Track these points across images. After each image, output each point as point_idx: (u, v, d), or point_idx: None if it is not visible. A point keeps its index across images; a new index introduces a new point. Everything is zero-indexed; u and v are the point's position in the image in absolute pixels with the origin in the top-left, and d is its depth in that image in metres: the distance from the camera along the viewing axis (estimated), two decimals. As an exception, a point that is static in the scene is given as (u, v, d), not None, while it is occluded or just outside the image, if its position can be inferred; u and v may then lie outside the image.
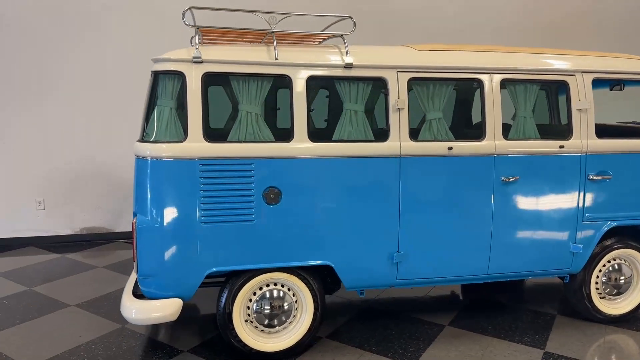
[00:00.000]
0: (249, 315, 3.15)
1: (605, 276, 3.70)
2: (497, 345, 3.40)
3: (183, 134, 2.89)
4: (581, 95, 3.44)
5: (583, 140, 3.43)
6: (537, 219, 3.43)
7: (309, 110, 3.06)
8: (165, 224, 2.89)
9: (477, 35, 6.63)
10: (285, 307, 3.19)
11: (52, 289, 4.45)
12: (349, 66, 3.09)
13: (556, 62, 3.45)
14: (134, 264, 2.95)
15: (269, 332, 3.19)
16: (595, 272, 3.66)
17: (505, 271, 3.47)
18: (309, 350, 3.31)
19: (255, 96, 3.01)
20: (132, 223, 2.91)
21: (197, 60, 2.89)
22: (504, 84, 3.35)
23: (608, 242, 3.63)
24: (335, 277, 3.25)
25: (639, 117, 4.67)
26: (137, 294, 3.09)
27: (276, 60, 3.01)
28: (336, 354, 3.29)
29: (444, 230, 3.30)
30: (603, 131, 4.03)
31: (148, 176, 2.90)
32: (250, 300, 3.15)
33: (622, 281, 3.72)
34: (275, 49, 3.02)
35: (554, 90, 4.34)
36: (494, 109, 3.30)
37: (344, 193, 3.13)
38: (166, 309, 2.92)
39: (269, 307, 3.15)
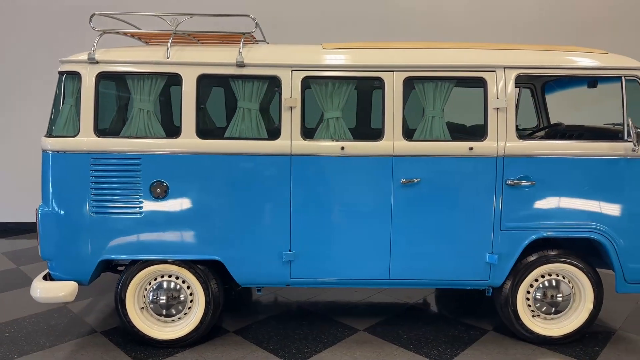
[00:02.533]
0: (145, 303, 3.31)
1: (539, 292, 3.36)
2: (398, 356, 3.24)
3: (78, 130, 3.12)
4: (500, 93, 3.16)
5: (500, 142, 3.16)
6: (445, 225, 3.22)
7: (198, 108, 3.15)
8: (61, 212, 3.14)
9: (493, 33, 6.30)
10: (181, 299, 3.31)
11: (35, 269, 4.94)
12: (240, 65, 3.13)
13: (472, 58, 3.21)
14: (38, 247, 3.23)
15: (164, 322, 3.33)
16: (524, 287, 3.34)
17: (410, 278, 3.29)
18: (207, 342, 3.39)
19: (148, 94, 3.16)
20: (35, 210, 3.19)
21: (92, 61, 3.10)
22: (410, 82, 3.19)
23: (537, 256, 3.30)
24: None
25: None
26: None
27: (167, 59, 3.13)
28: (229, 348, 3.34)
29: (338, 231, 3.22)
30: (581, 135, 3.70)
31: (49, 168, 3.15)
32: (146, 289, 3.30)
33: (559, 299, 3.35)
34: (168, 49, 3.15)
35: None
36: (394, 108, 3.15)
37: (234, 190, 3.17)
38: (62, 290, 3.16)
39: (164, 298, 3.29)
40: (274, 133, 3.18)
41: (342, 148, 3.14)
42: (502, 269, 3.26)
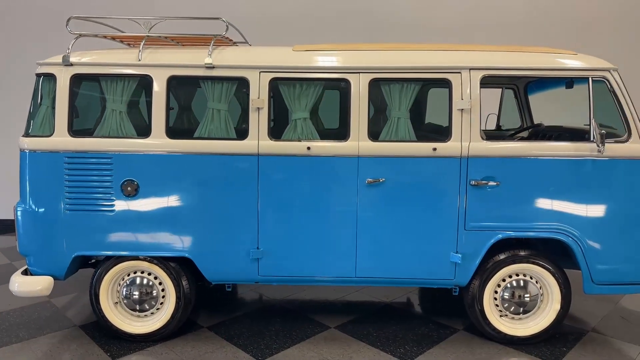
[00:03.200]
0: (119, 298, 3.41)
1: (507, 292, 3.38)
2: (363, 353, 3.29)
3: (53, 130, 3.22)
4: (465, 94, 3.19)
5: (464, 142, 3.18)
6: (410, 224, 3.26)
7: (167, 108, 3.23)
8: (37, 210, 3.25)
9: (489, 34, 6.33)
10: (154, 294, 3.40)
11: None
12: (209, 67, 3.21)
13: (438, 59, 3.24)
14: (17, 243, 3.35)
15: (137, 316, 3.42)
16: (491, 287, 3.36)
17: (377, 276, 3.34)
18: (179, 337, 3.48)
19: (121, 95, 3.25)
20: (13, 208, 3.31)
21: (67, 63, 3.21)
22: (377, 83, 3.23)
23: (504, 256, 3.32)
24: None
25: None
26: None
27: (139, 62, 3.23)
28: (200, 342, 3.42)
29: (305, 229, 3.28)
30: (560, 135, 3.71)
31: (26, 166, 3.27)
32: (120, 284, 3.40)
33: (527, 299, 3.37)
34: (140, 51, 3.24)
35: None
36: (359, 109, 3.20)
37: (203, 188, 3.25)
38: (38, 284, 3.27)
39: (137, 293, 3.38)
40: (242, 133, 3.25)
41: (309, 148, 3.20)
42: (467, 269, 3.28)
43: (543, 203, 3.21)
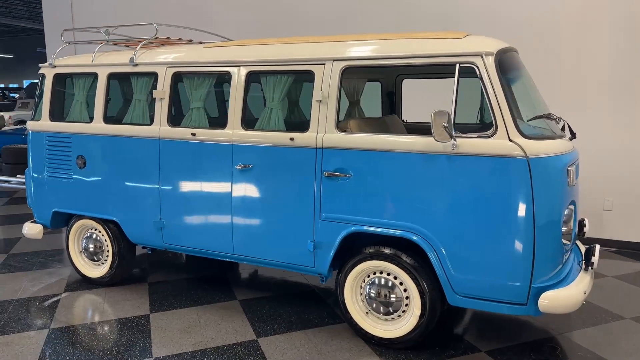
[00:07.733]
0: (82, 248, 4.37)
1: (373, 289, 3.27)
2: (233, 324, 3.58)
3: (41, 115, 4.32)
4: (324, 85, 3.21)
5: (320, 133, 3.21)
6: (273, 209, 3.42)
7: (106, 99, 4.01)
8: (34, 175, 4.39)
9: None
10: (104, 248, 4.27)
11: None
12: (134, 64, 3.89)
13: (306, 51, 3.31)
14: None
15: (94, 264, 4.34)
16: (352, 280, 3.30)
17: (250, 255, 3.58)
18: (123, 285, 4.27)
19: (82, 88, 4.17)
20: (24, 172, 4.52)
21: (51, 65, 4.26)
22: (255, 76, 3.47)
23: (365, 251, 3.23)
24: None
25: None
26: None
27: (92, 63, 4.09)
28: (128, 292, 4.15)
29: (193, 206, 3.72)
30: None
31: (29, 142, 4.44)
32: (82, 237, 4.35)
33: (392, 299, 3.22)
34: (94, 53, 4.10)
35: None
36: (235, 99, 3.49)
37: (124, 164, 3.96)
38: (33, 230, 4.44)
39: (92, 246, 4.29)
40: (152, 119, 3.85)
41: (193, 134, 3.63)
42: (324, 258, 3.30)
43: (395, 199, 3.04)
